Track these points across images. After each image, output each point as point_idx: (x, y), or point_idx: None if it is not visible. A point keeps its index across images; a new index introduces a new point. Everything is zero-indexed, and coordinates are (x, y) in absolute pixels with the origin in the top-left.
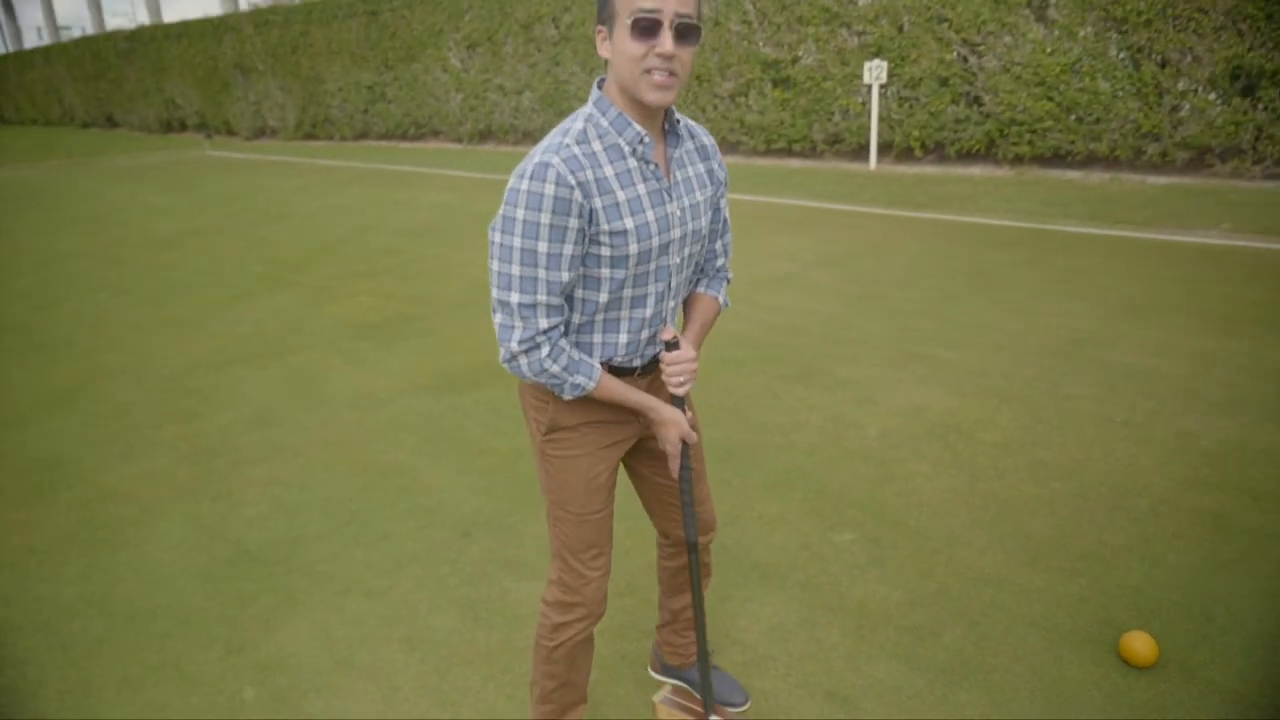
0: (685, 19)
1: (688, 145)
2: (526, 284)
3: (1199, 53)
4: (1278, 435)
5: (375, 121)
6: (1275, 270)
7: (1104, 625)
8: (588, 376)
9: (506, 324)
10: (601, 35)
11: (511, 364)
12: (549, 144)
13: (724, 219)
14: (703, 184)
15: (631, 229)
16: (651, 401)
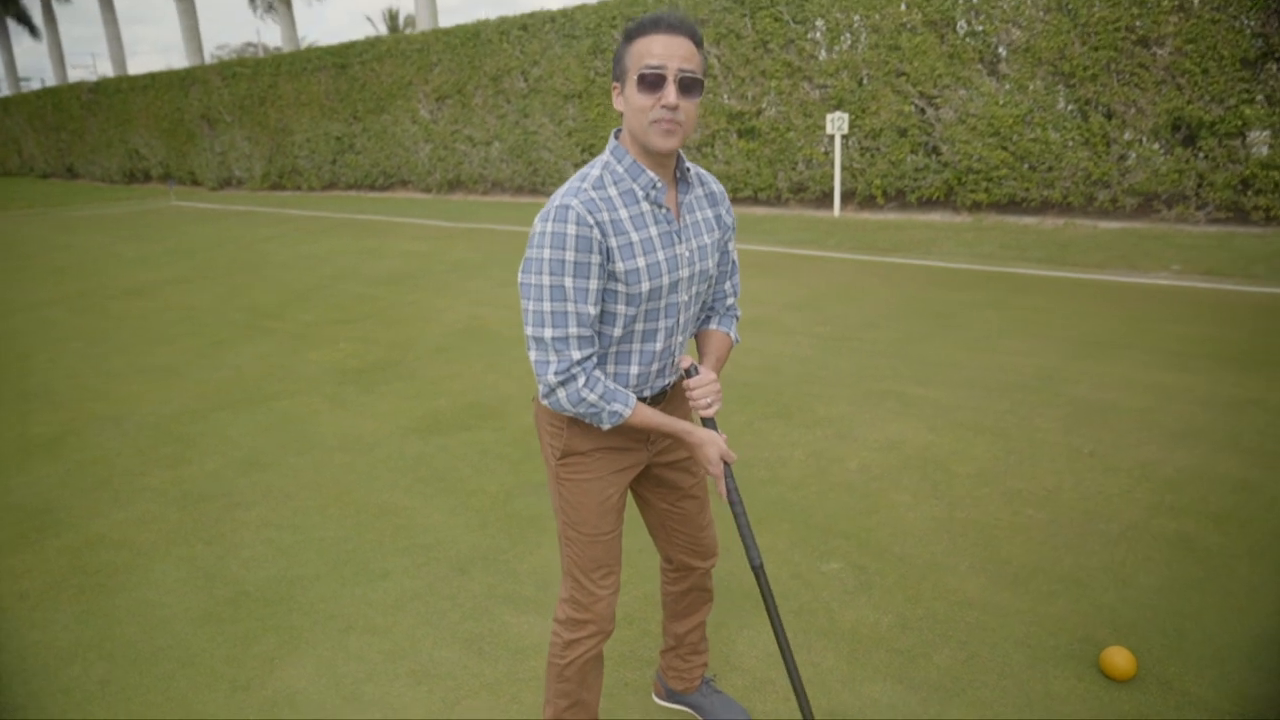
0: (688, 73)
1: (697, 191)
2: (558, 319)
3: (1142, 105)
4: (1234, 463)
5: (343, 172)
6: (1222, 309)
7: (1084, 642)
8: (624, 404)
9: (542, 359)
10: (616, 90)
11: (550, 398)
12: (568, 189)
13: (732, 261)
14: (710, 228)
15: (643, 267)
16: (686, 425)
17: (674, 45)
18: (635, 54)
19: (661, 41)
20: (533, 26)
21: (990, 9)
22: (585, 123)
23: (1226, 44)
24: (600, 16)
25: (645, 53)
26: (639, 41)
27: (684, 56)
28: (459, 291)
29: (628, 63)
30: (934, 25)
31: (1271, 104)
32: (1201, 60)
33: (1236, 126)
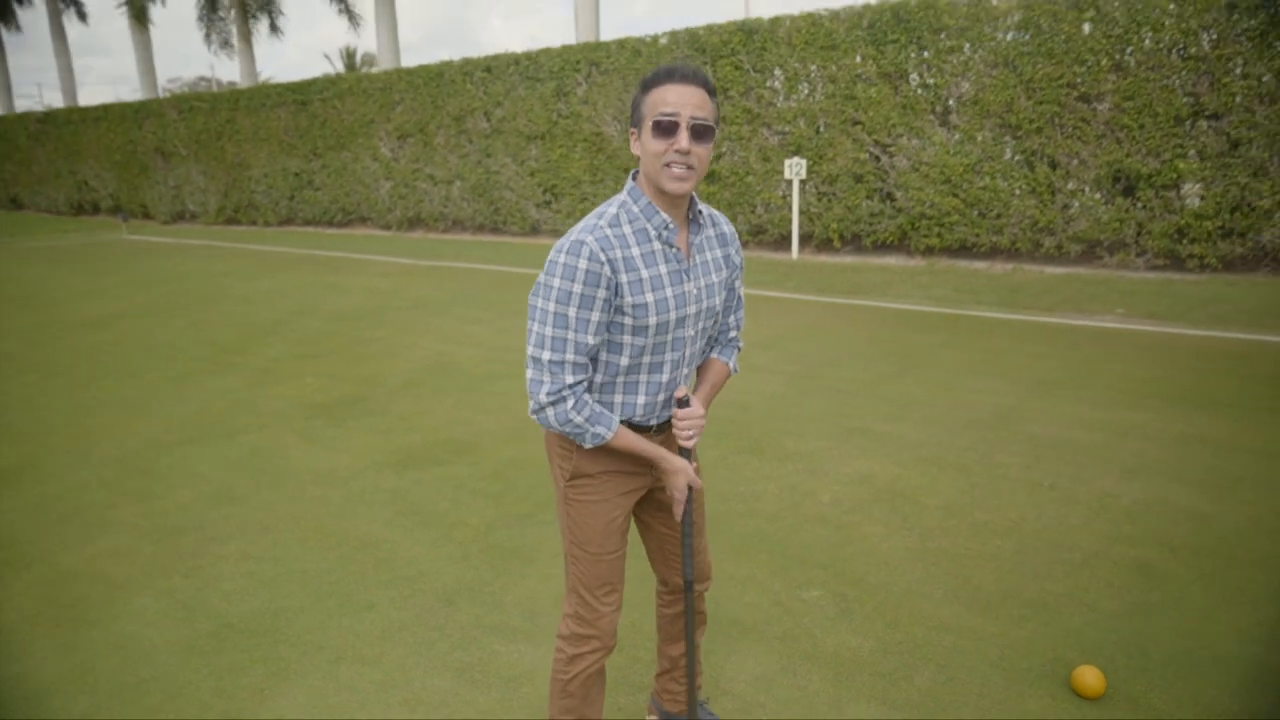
0: (700, 120)
1: (708, 232)
2: (557, 344)
3: (1084, 157)
4: (1185, 496)
5: (301, 207)
6: (1165, 350)
7: (1055, 663)
8: (607, 428)
9: (537, 378)
10: (634, 136)
11: (540, 415)
12: (586, 224)
13: (739, 297)
14: (719, 267)
15: (651, 303)
16: (662, 452)
17: (687, 94)
18: (651, 102)
19: (676, 91)
20: (496, 68)
21: (940, 63)
22: (548, 164)
23: (1161, 102)
24: (564, 60)
25: (660, 101)
26: (655, 91)
27: (696, 105)
28: (425, 328)
29: (644, 110)
30: (888, 77)
31: (1203, 158)
32: (1138, 116)
33: (1172, 179)
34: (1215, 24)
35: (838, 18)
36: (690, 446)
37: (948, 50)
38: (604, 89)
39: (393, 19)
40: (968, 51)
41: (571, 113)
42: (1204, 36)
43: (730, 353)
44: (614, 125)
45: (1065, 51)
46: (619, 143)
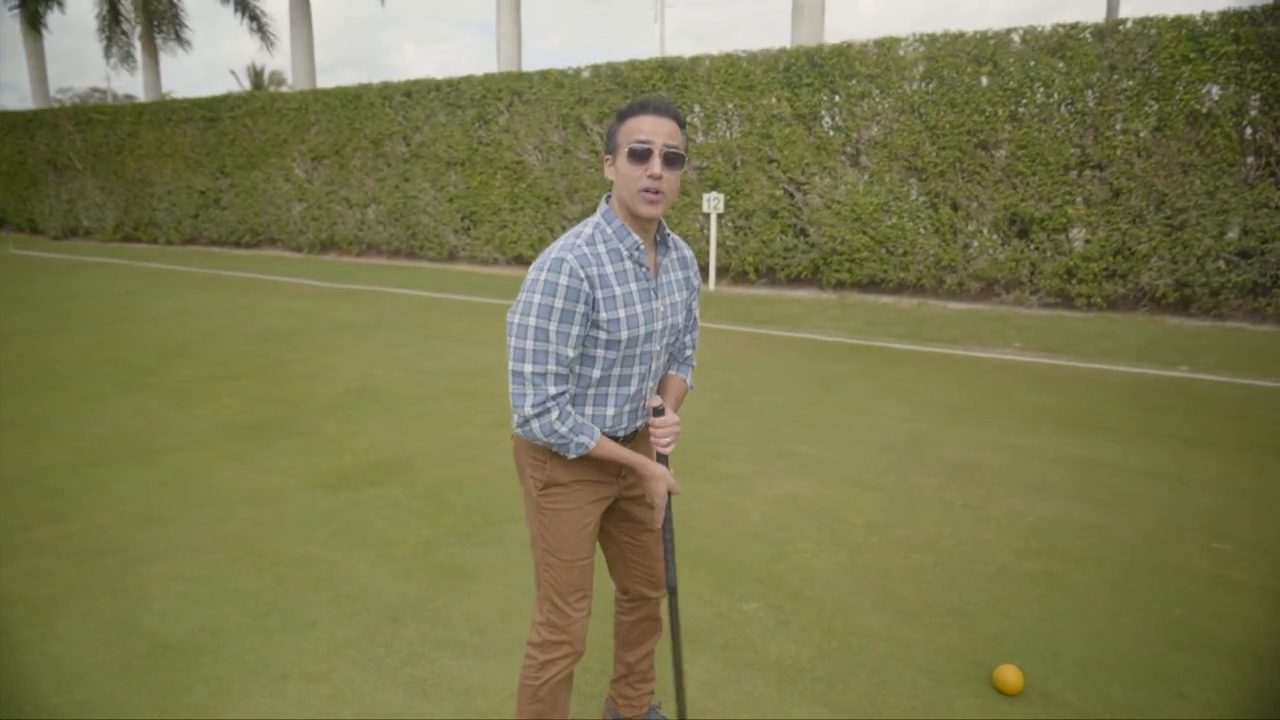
0: (672, 149)
1: (673, 255)
2: (539, 356)
3: (983, 200)
4: (1085, 512)
5: (206, 227)
6: (1059, 381)
7: (977, 666)
8: (590, 437)
9: (520, 392)
10: (609, 162)
11: (525, 427)
12: (564, 243)
13: (694, 317)
14: (681, 287)
15: (623, 318)
16: (642, 459)
17: (660, 125)
18: (626, 131)
19: (650, 122)
20: (417, 93)
21: (851, 108)
22: (467, 190)
23: (1051, 151)
24: (486, 88)
25: (635, 130)
26: (630, 121)
27: (668, 134)
28: (348, 351)
29: (619, 138)
30: (802, 119)
31: (1089, 205)
32: (1032, 164)
33: (1061, 223)
34: (1098, 83)
35: (755, 59)
36: (667, 453)
37: (858, 95)
38: (526, 118)
39: (309, 40)
40: (877, 97)
41: (492, 140)
42: (1089, 94)
43: (686, 370)
44: (535, 154)
45: (965, 101)
46: (539, 172)
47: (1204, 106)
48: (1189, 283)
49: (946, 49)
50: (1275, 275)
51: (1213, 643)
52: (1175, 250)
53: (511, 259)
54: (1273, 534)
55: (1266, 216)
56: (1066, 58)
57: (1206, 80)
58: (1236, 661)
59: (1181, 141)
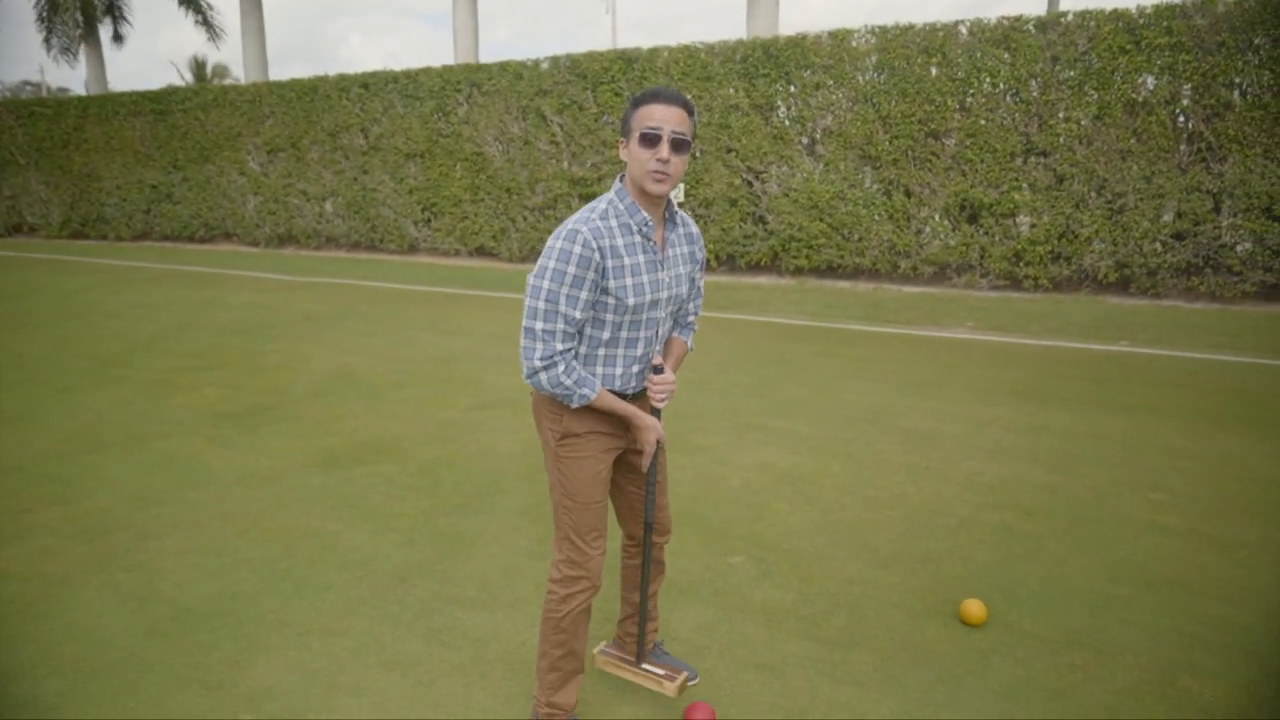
0: (679, 135)
1: (680, 230)
2: (549, 316)
3: (934, 187)
4: (1036, 472)
5: (159, 222)
6: (1010, 357)
7: (945, 603)
8: (591, 389)
9: (530, 346)
10: (622, 144)
11: (533, 378)
12: (580, 216)
13: (698, 287)
14: (686, 261)
15: (630, 286)
16: (636, 411)
17: (669, 113)
18: (639, 117)
19: (660, 110)
20: (374, 85)
21: (806, 98)
22: (428, 182)
23: (998, 139)
24: (445, 80)
25: (647, 117)
26: (642, 108)
27: (677, 121)
28: (319, 341)
29: (632, 124)
30: (759, 109)
31: (1034, 191)
32: (980, 152)
33: (1009, 209)
34: (1041, 73)
35: (713, 51)
36: (661, 407)
37: (813, 86)
38: (485, 110)
39: (260, 30)
40: (831, 88)
41: (452, 132)
42: (1033, 83)
43: (688, 333)
44: (495, 146)
45: (916, 91)
46: (500, 163)
47: (1140, 96)
48: (1128, 264)
49: (897, 40)
50: (1206, 256)
51: (1150, 577)
52: (1115, 233)
53: (473, 250)
54: (1202, 486)
55: (1198, 200)
56: (1011, 49)
57: (1142, 70)
58: (1171, 592)
59: (1120, 129)
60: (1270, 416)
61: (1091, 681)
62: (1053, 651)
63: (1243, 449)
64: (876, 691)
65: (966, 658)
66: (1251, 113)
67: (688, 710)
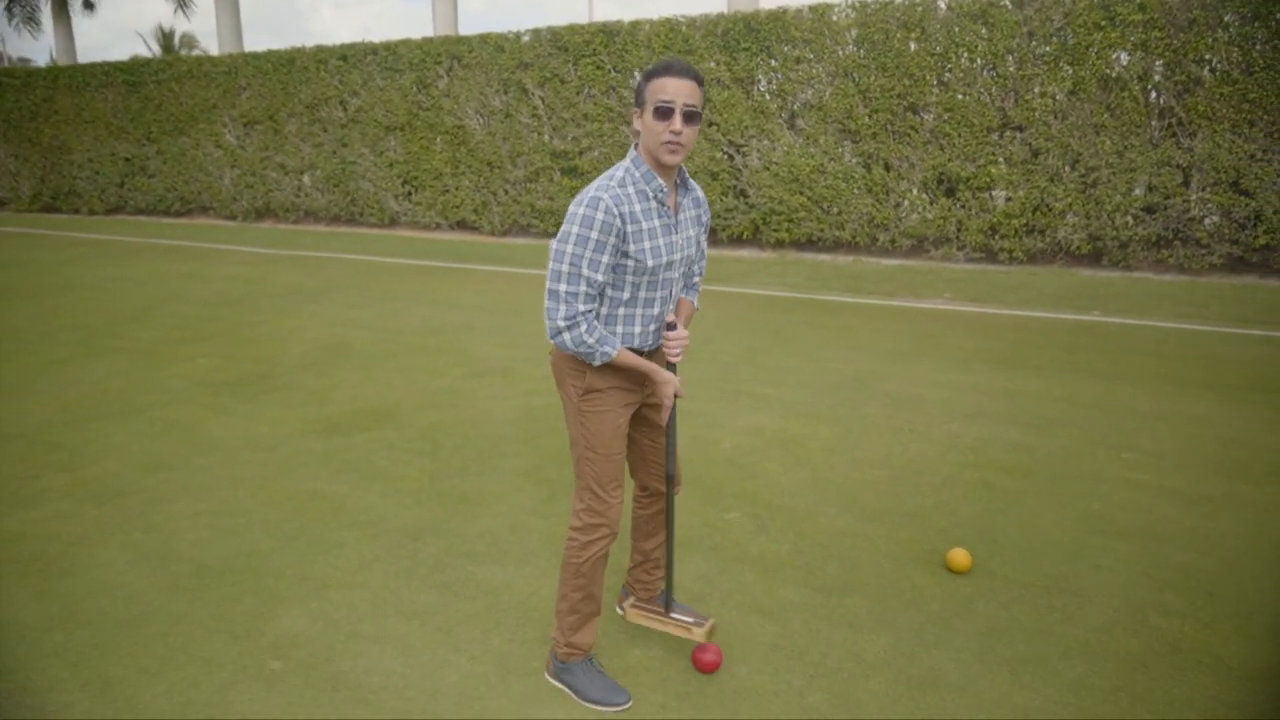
0: (691, 107)
1: (690, 196)
2: (572, 278)
3: (913, 161)
4: (1014, 433)
5: (133, 195)
6: (986, 327)
7: (931, 553)
8: (612, 347)
9: (554, 307)
10: (636, 115)
11: (558, 337)
12: (601, 184)
13: (703, 249)
14: (694, 224)
15: (648, 249)
16: (654, 366)
17: (682, 86)
18: (652, 89)
19: (673, 83)
20: (353, 57)
21: (787, 72)
22: (408, 155)
23: (975, 114)
24: (424, 52)
25: (660, 89)
26: (655, 80)
27: (688, 94)
28: (307, 313)
29: (646, 95)
30: (740, 82)
31: (1010, 165)
32: (958, 126)
33: (986, 182)
34: (1018, 48)
35: (694, 25)
36: (676, 362)
37: (794, 60)
38: (466, 82)
39: (234, 1)
40: (811, 62)
41: (433, 105)
42: (1009, 59)
43: (694, 293)
44: (476, 119)
45: (896, 66)
46: (481, 136)
47: (1114, 71)
48: (1100, 237)
49: (877, 15)
50: (1176, 229)
51: (1121, 528)
52: (1088, 206)
53: (455, 224)
54: (1170, 445)
55: (1168, 175)
56: (988, 24)
57: (1116, 46)
58: (1141, 541)
59: (1094, 104)
60: (1234, 382)
61: (1069, 621)
62: (1033, 595)
63: (1207, 411)
64: (871, 632)
65: (953, 601)
66: (1220, 89)
67: (696, 650)
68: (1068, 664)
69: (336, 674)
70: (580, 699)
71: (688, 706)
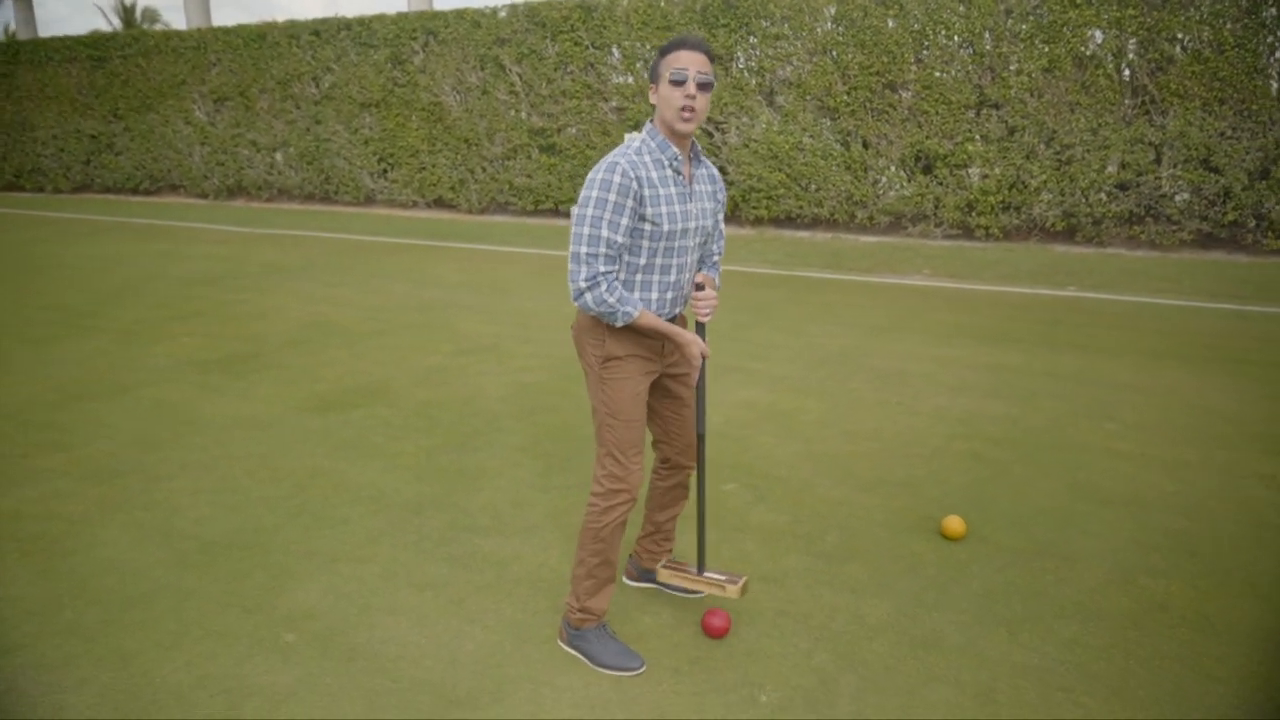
0: (704, 76)
1: (703, 170)
2: (593, 240)
3: (891, 138)
4: (998, 405)
5: (100, 173)
6: (966, 302)
7: (926, 520)
8: (634, 308)
9: (575, 269)
10: (652, 89)
11: (580, 299)
12: (619, 152)
13: (720, 229)
14: (709, 198)
15: (664, 213)
16: (678, 329)
17: (694, 58)
18: (667, 63)
19: (686, 55)
20: (325, 33)
21: (766, 49)
22: (384, 132)
23: (953, 91)
24: (399, 28)
25: (674, 61)
26: (670, 54)
27: (700, 65)
28: (288, 292)
29: (661, 69)
30: (719, 59)
31: (987, 142)
32: (935, 104)
33: (963, 160)
34: (995, 26)
35: (672, 0)
36: (706, 321)
37: (773, 37)
38: (442, 58)
39: None
40: (790, 39)
41: (408, 81)
42: (986, 36)
43: (714, 271)
44: (453, 95)
45: (874, 43)
46: (458, 113)
47: (1088, 49)
48: (1075, 213)
49: None
50: (1148, 205)
51: (1106, 495)
52: (1063, 183)
53: (432, 202)
54: (1149, 415)
55: (1141, 152)
56: (966, 2)
57: (1090, 25)
58: (1126, 507)
59: (1069, 82)
60: (1206, 353)
61: (1062, 583)
62: (1025, 560)
63: (1183, 382)
64: (872, 597)
65: (949, 567)
66: (1192, 67)
67: (706, 615)
68: (1063, 624)
69: (353, 645)
70: (595, 665)
71: (699, 670)
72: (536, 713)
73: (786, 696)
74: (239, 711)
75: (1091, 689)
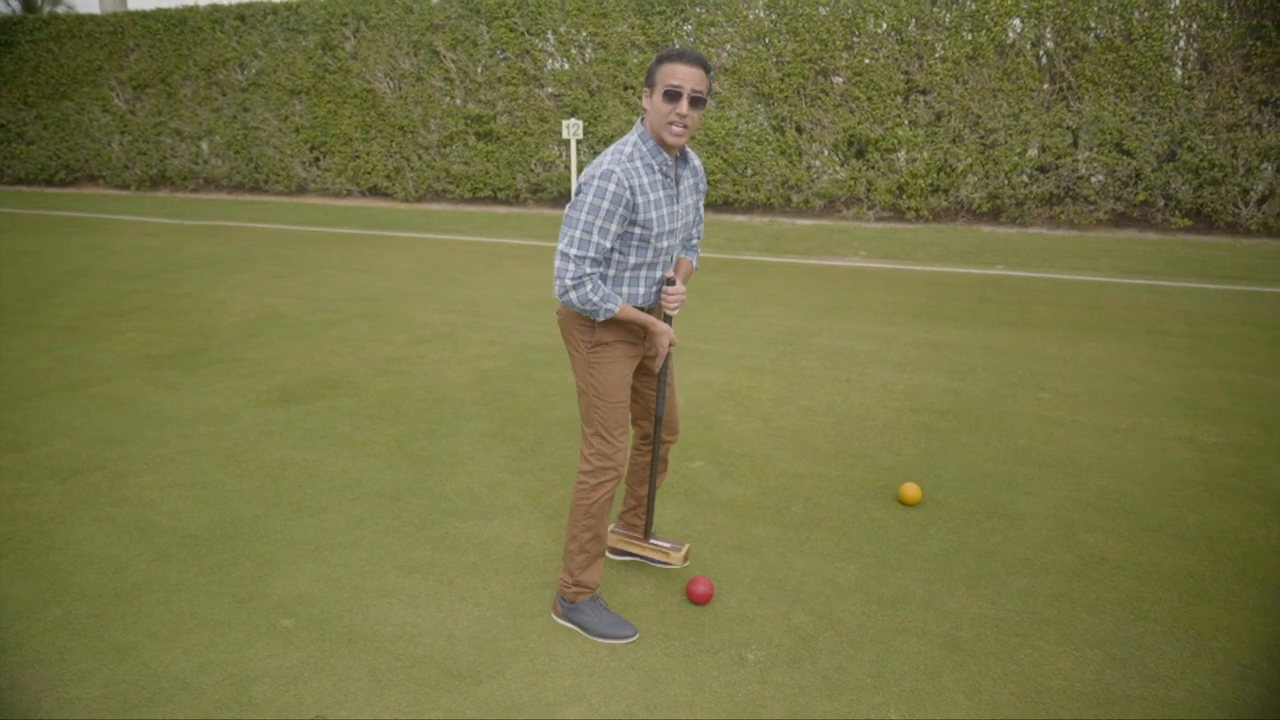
0: (697, 93)
1: (689, 167)
2: (583, 243)
3: (825, 124)
4: (941, 379)
5: (10, 163)
6: (902, 282)
7: (883, 488)
8: (615, 304)
9: (563, 267)
10: (646, 94)
11: (565, 296)
12: (613, 156)
13: (699, 215)
14: (693, 191)
15: (654, 218)
16: (651, 318)
17: (690, 73)
18: (663, 74)
19: (683, 69)
20: (251, 18)
21: (701, 35)
22: (315, 120)
23: (884, 78)
24: (329, 13)
25: (671, 74)
26: (667, 65)
27: (696, 81)
28: (232, 284)
29: (656, 79)
30: (655, 45)
31: (915, 127)
32: (866, 90)
33: (893, 144)
34: (921, 14)
35: None
36: (674, 315)
37: (708, 24)
38: (375, 44)
39: None
40: (725, 25)
41: (340, 68)
42: (913, 24)
43: (693, 254)
44: (386, 82)
45: (806, 30)
46: (392, 100)
47: (1009, 37)
48: (999, 195)
49: None
50: (1067, 187)
51: (1045, 459)
52: (988, 167)
53: (366, 190)
54: (1078, 385)
55: (1059, 136)
56: None
57: (1011, 14)
58: (1064, 470)
59: (992, 69)
60: (1126, 326)
61: (1011, 542)
62: (977, 521)
63: (1106, 354)
64: (840, 560)
65: (909, 530)
66: (1105, 55)
67: (690, 584)
68: (1014, 577)
69: (349, 627)
70: (590, 634)
71: (689, 634)
72: (540, 681)
73: (770, 654)
74: (247, 694)
75: (1044, 634)
